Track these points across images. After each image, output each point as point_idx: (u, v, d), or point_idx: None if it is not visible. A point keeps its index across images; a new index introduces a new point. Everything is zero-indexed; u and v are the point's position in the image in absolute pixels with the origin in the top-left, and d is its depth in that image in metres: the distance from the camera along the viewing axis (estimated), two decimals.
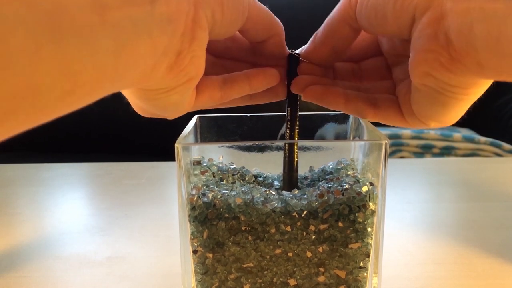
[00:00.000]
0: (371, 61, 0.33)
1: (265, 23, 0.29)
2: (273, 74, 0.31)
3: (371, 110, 0.30)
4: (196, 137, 0.36)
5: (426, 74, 0.24)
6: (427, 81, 0.25)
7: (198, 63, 0.24)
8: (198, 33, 0.23)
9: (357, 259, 0.31)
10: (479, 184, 0.67)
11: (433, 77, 0.24)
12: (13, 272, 0.44)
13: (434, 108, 0.26)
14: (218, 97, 0.29)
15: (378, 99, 0.30)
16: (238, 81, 0.29)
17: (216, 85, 0.29)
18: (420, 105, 0.27)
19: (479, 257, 0.45)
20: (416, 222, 0.55)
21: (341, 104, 0.30)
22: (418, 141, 1.18)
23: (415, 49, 0.24)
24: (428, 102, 0.26)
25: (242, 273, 0.31)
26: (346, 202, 0.30)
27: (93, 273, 0.44)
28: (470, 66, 0.22)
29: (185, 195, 0.31)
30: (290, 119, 0.33)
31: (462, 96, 0.25)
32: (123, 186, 0.68)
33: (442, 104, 0.26)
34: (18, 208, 0.60)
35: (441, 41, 0.23)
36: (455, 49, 0.22)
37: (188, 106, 0.28)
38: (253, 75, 0.30)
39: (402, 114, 0.29)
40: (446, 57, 0.23)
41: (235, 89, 0.29)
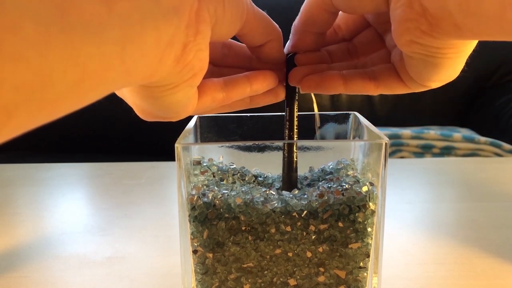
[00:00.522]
0: (363, 34, 0.33)
1: (263, 27, 0.29)
2: (272, 76, 0.31)
3: (372, 85, 0.30)
4: (196, 137, 0.36)
5: (411, 42, 0.25)
6: (414, 48, 0.25)
7: (203, 56, 0.24)
8: (202, 26, 0.23)
9: (357, 259, 0.31)
10: (479, 184, 0.67)
11: (418, 43, 0.25)
12: (13, 272, 0.44)
13: (429, 70, 0.27)
14: (220, 98, 0.29)
15: (376, 71, 0.31)
16: (239, 82, 0.30)
17: (217, 87, 0.29)
18: (415, 69, 0.28)
19: (479, 257, 0.45)
20: (416, 222, 0.55)
21: (341, 86, 0.30)
22: (418, 141, 1.18)
23: (395, 21, 0.25)
24: (421, 66, 0.27)
25: (242, 273, 0.31)
26: (346, 202, 0.30)
27: (93, 273, 0.44)
28: (449, 29, 0.23)
29: (185, 195, 0.31)
30: (288, 119, 0.33)
31: (453, 54, 0.26)
32: (123, 186, 0.68)
33: (435, 65, 0.26)
34: (18, 208, 0.60)
35: (416, 9, 0.24)
36: (431, 15, 0.23)
37: (191, 108, 0.28)
38: (254, 76, 0.30)
39: (403, 81, 0.30)
40: (425, 24, 0.24)
41: (237, 90, 0.30)
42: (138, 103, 0.27)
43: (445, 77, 0.28)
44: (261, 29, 0.29)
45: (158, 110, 0.27)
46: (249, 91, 0.30)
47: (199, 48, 0.24)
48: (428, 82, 0.28)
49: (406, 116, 1.41)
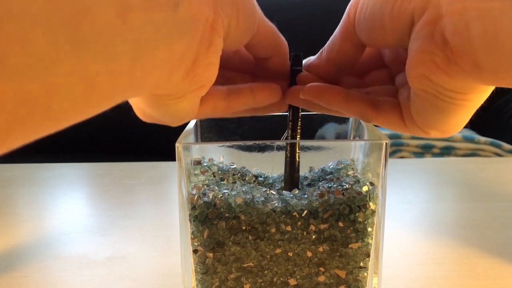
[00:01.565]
0: (375, 73, 0.33)
1: (271, 41, 0.29)
2: (276, 90, 0.31)
3: (372, 112, 0.29)
4: (197, 137, 0.36)
5: (422, 76, 0.24)
6: (424, 85, 0.24)
7: (212, 70, 0.24)
8: (215, 39, 0.23)
9: (357, 259, 0.31)
10: (479, 184, 0.67)
11: (430, 80, 0.24)
12: (13, 272, 0.44)
13: (433, 115, 0.26)
14: (222, 108, 0.29)
15: (379, 101, 0.30)
16: (243, 93, 0.29)
17: (221, 96, 0.29)
18: (419, 111, 0.27)
19: (479, 257, 0.45)
20: (416, 222, 0.55)
21: (341, 102, 0.30)
22: (418, 141, 1.18)
23: (412, 51, 0.24)
24: (426, 108, 0.26)
25: (242, 272, 0.31)
26: (346, 202, 0.30)
27: (93, 273, 0.44)
28: (466, 68, 0.22)
29: (185, 195, 0.31)
30: (292, 119, 0.33)
31: (461, 102, 0.25)
32: (123, 186, 0.68)
33: (441, 111, 0.25)
34: (18, 208, 0.60)
35: (437, 41, 0.22)
36: (451, 49, 0.22)
37: (193, 115, 0.28)
38: (258, 89, 0.30)
39: (403, 119, 0.29)
40: (442, 58, 0.22)
41: (239, 101, 0.29)
42: (141, 107, 0.27)
43: (447, 127, 0.27)
44: (269, 42, 0.29)
45: (162, 116, 0.27)
46: (252, 103, 0.30)
47: (210, 61, 0.23)
48: (429, 129, 0.27)
49: None
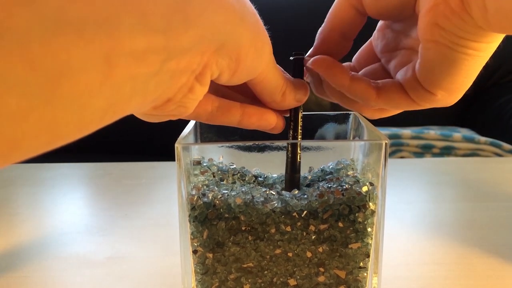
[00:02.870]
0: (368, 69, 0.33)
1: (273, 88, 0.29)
2: (268, 119, 0.30)
3: (374, 92, 0.29)
4: (196, 137, 0.36)
5: (435, 25, 0.24)
6: (436, 35, 0.25)
7: (184, 111, 0.24)
8: (196, 88, 0.22)
9: (357, 259, 0.31)
10: (479, 184, 0.67)
11: (443, 28, 0.24)
12: (13, 272, 0.44)
13: (443, 70, 0.26)
14: (205, 118, 0.29)
15: (379, 83, 0.30)
16: (231, 112, 0.29)
17: (209, 107, 0.28)
18: (428, 70, 0.27)
19: (479, 257, 0.45)
20: (416, 222, 0.55)
21: (347, 81, 0.30)
22: (418, 141, 1.18)
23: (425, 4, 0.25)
24: (436, 63, 0.26)
25: (242, 273, 0.31)
26: (346, 202, 0.30)
27: (93, 273, 0.44)
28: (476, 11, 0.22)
29: (185, 195, 0.31)
30: (293, 119, 0.32)
31: (471, 51, 0.25)
32: (123, 186, 0.68)
33: (451, 63, 0.25)
34: (18, 208, 0.60)
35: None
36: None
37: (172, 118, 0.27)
38: (248, 114, 0.30)
39: (406, 93, 0.29)
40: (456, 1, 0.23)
41: (224, 119, 0.29)
42: None
43: (455, 84, 0.27)
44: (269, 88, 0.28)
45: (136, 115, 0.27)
46: (236, 123, 0.30)
47: (183, 105, 0.23)
48: (436, 89, 0.27)
49: (406, 116, 1.40)
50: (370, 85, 0.30)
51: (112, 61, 0.16)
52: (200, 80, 0.22)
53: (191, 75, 0.21)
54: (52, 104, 0.15)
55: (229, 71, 0.23)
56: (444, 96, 0.28)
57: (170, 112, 0.23)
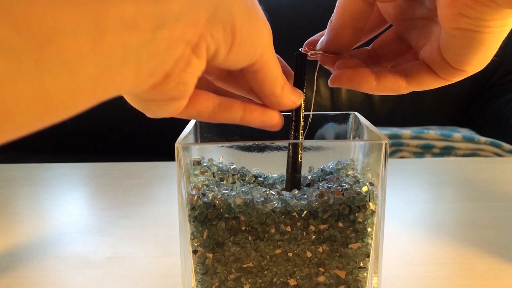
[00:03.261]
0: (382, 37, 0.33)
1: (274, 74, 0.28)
2: (270, 116, 0.30)
3: (403, 81, 0.30)
4: (196, 137, 0.36)
5: (458, 15, 0.25)
6: (461, 23, 0.25)
7: (184, 89, 0.23)
8: (194, 61, 0.22)
9: (357, 259, 0.31)
10: (479, 184, 0.67)
11: (466, 16, 0.24)
12: (13, 272, 0.44)
13: (471, 49, 0.26)
14: (206, 116, 0.28)
15: (405, 69, 0.30)
16: (232, 109, 0.28)
17: (210, 105, 0.28)
18: (455, 52, 0.27)
19: (479, 257, 0.45)
20: (416, 222, 0.55)
21: (373, 82, 0.30)
22: (418, 141, 1.18)
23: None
24: (463, 45, 0.26)
25: (242, 273, 0.31)
26: (346, 202, 0.30)
27: (93, 273, 0.44)
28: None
29: (185, 195, 0.31)
30: (295, 120, 0.32)
31: (497, 28, 0.25)
32: (123, 186, 0.68)
33: (479, 43, 0.26)
34: (18, 208, 0.60)
35: None
36: None
37: (173, 113, 0.26)
38: (250, 110, 0.29)
39: (435, 73, 0.29)
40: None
41: (226, 116, 0.28)
42: None
43: (484, 58, 0.27)
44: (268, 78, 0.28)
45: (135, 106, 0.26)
46: (238, 121, 0.29)
47: (183, 82, 0.22)
48: (466, 66, 0.28)
49: (406, 116, 1.41)
50: (397, 76, 0.30)
51: (101, 27, 0.16)
52: (196, 52, 0.22)
53: (187, 46, 0.21)
54: (40, 69, 0.15)
55: (225, 45, 0.23)
56: (474, 69, 0.28)
57: (170, 91, 0.23)
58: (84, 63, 0.16)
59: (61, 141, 1.36)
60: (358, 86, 0.30)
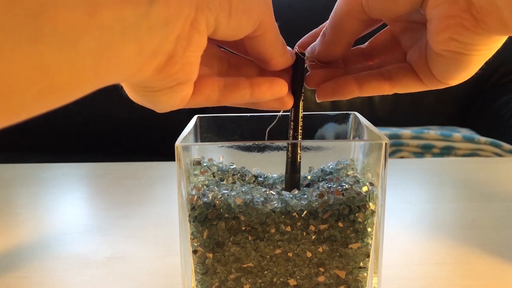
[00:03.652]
0: (377, 37, 0.33)
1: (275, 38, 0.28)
2: (279, 85, 0.29)
3: (387, 84, 0.30)
4: (196, 137, 0.36)
5: (449, 39, 0.25)
6: (451, 46, 0.25)
7: (190, 69, 0.23)
8: (195, 37, 0.22)
9: (357, 259, 0.31)
10: (479, 184, 0.67)
11: (457, 41, 0.25)
12: (13, 272, 0.44)
13: (457, 68, 0.27)
14: (215, 100, 0.28)
15: (391, 70, 0.30)
16: (240, 87, 0.28)
17: (216, 87, 0.27)
18: (441, 68, 0.28)
19: (479, 257, 0.45)
20: (416, 222, 0.55)
21: (356, 90, 0.30)
22: (418, 141, 1.18)
23: (435, 18, 0.25)
24: (450, 64, 0.27)
25: (242, 273, 0.31)
26: (346, 202, 0.30)
27: (93, 273, 0.44)
28: (494, 25, 0.23)
29: (185, 195, 0.31)
30: (293, 119, 0.32)
31: (484, 51, 0.26)
32: (123, 186, 0.68)
33: (465, 63, 0.26)
34: (18, 208, 0.60)
35: (461, 4, 0.23)
36: (477, 10, 0.23)
37: (181, 103, 0.26)
38: (258, 83, 0.29)
39: (419, 79, 0.29)
40: (469, 20, 0.23)
41: (235, 95, 0.28)
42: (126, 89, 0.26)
43: (468, 74, 0.28)
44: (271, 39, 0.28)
45: (145, 103, 0.26)
46: (249, 97, 0.29)
47: (187, 61, 0.22)
48: (450, 80, 0.28)
49: (406, 116, 1.41)
50: (380, 80, 0.30)
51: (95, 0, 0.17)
52: (196, 27, 0.22)
53: (185, 22, 0.21)
54: (38, 41, 0.15)
55: (223, 12, 0.23)
56: (457, 82, 0.29)
57: (177, 74, 0.22)
58: (82, 36, 0.16)
59: (61, 141, 1.36)
60: (343, 96, 0.31)
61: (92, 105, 1.39)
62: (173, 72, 0.22)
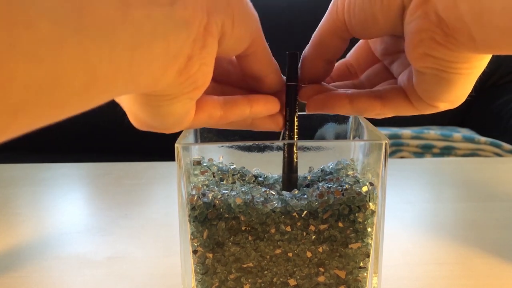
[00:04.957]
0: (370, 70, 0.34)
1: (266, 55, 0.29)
2: (273, 101, 0.31)
3: (378, 104, 0.30)
4: (196, 137, 0.36)
5: (424, 55, 0.25)
6: (427, 62, 0.25)
7: (206, 71, 0.24)
8: (209, 40, 0.23)
9: (357, 259, 0.31)
10: (479, 184, 0.67)
11: (432, 56, 0.25)
12: (13, 272, 0.44)
13: (440, 88, 0.27)
14: (218, 117, 0.29)
15: (382, 91, 0.30)
16: (239, 103, 0.29)
17: (217, 105, 0.28)
18: (425, 87, 0.27)
19: (479, 257, 0.45)
20: (416, 222, 0.55)
21: (347, 105, 0.30)
22: (418, 141, 1.18)
23: (409, 33, 0.25)
24: (433, 82, 0.27)
25: (242, 273, 0.31)
26: (346, 202, 0.30)
27: (93, 273, 0.44)
28: (464, 41, 0.23)
29: (185, 195, 0.31)
30: (289, 119, 0.32)
31: (465, 70, 0.25)
32: (123, 186, 0.68)
33: (447, 82, 0.26)
34: (18, 208, 0.60)
35: (432, 19, 0.23)
36: (447, 25, 0.23)
37: (187, 123, 0.27)
38: (255, 100, 0.30)
39: (410, 101, 0.29)
40: (440, 34, 0.24)
41: (236, 111, 0.29)
42: (134, 110, 0.27)
43: (454, 97, 0.27)
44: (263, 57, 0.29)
45: (153, 119, 0.27)
46: (249, 113, 0.30)
47: (204, 62, 0.23)
48: (437, 102, 0.28)
49: (406, 116, 1.41)
50: (371, 98, 0.30)
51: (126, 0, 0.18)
52: (209, 31, 0.23)
53: (200, 25, 0.22)
54: (81, 33, 0.16)
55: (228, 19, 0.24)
56: (446, 106, 0.28)
57: (195, 75, 0.23)
58: (118, 31, 0.18)
59: (61, 141, 1.36)
60: (332, 109, 0.31)
61: None
62: (192, 73, 0.23)
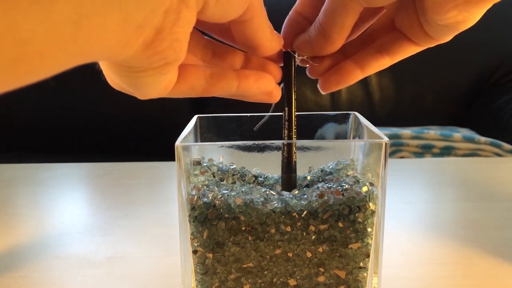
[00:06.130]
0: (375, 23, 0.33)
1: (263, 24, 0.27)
2: (266, 79, 0.29)
3: (386, 59, 0.31)
4: (196, 137, 0.36)
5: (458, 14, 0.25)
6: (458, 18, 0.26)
7: (179, 47, 0.22)
8: (184, 12, 0.21)
9: (357, 259, 0.31)
10: (479, 184, 0.67)
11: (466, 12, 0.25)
12: (13, 272, 0.44)
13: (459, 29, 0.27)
14: (200, 89, 0.27)
15: (385, 44, 0.31)
16: (226, 78, 0.27)
17: (201, 76, 0.26)
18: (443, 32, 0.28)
19: (479, 257, 0.45)
20: (416, 222, 0.55)
21: (359, 74, 0.31)
22: (418, 141, 1.18)
23: None
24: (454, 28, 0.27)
25: (242, 273, 0.31)
26: (346, 202, 0.30)
27: (93, 273, 0.44)
28: None
29: (185, 195, 0.31)
30: (287, 119, 0.32)
31: None
32: (123, 186, 0.68)
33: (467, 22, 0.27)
34: (18, 208, 0.60)
35: None
36: None
37: (164, 90, 0.25)
38: (245, 76, 0.28)
39: (413, 42, 0.30)
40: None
41: (222, 85, 0.27)
42: (108, 73, 0.25)
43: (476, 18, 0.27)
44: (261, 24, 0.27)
45: (127, 87, 0.25)
46: (235, 90, 0.28)
47: (176, 38, 0.21)
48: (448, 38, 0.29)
49: (406, 116, 1.41)
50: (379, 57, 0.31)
51: None
52: (185, 1, 0.21)
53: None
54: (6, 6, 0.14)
55: None
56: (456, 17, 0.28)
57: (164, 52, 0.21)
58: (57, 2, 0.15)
59: (61, 141, 1.36)
60: (347, 83, 0.31)
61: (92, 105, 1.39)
62: (161, 49, 0.21)
